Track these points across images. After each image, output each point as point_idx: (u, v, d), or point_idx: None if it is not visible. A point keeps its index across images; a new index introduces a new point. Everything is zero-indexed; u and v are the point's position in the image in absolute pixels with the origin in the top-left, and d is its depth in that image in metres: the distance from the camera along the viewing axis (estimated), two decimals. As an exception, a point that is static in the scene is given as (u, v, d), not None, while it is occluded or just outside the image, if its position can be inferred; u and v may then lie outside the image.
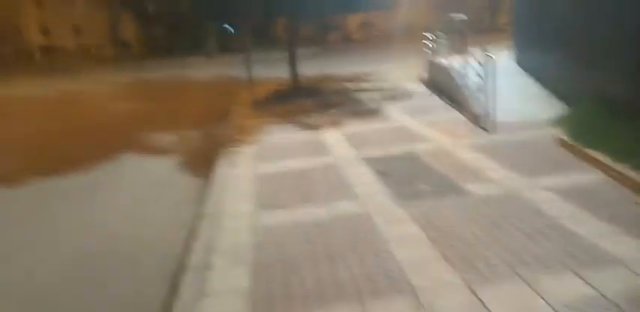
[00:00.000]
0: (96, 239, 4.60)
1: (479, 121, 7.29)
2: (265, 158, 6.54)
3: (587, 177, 4.80)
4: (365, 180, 5.30)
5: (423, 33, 13.03)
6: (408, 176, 5.30)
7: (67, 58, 45.13)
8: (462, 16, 10.22)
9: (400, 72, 15.23)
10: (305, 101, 11.17)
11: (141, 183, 6.29)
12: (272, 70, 17.12)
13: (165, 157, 7.49)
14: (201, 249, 3.94)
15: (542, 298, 2.92)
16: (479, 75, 7.43)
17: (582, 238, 3.59)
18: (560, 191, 4.48)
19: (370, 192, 4.91)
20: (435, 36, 11.46)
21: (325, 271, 3.46)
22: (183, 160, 7.24)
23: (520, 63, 10.20)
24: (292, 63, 12.52)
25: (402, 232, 3.96)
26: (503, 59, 9.98)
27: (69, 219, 5.19)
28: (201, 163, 6.86)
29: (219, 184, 5.55)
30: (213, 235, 4.16)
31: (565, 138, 5.70)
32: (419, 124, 7.83)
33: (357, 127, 8.05)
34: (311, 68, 17.75)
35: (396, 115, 8.79)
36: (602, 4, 6.53)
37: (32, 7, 49.19)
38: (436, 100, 9.79)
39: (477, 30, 31.66)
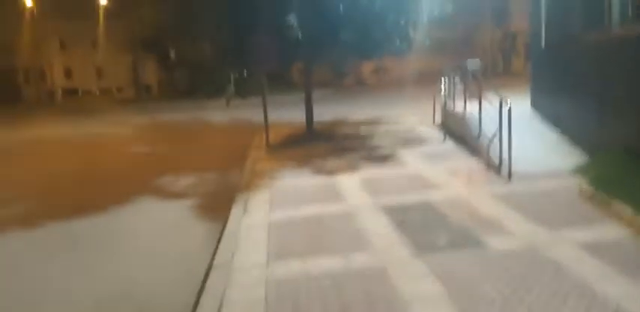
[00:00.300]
0: (104, 290, 4.50)
1: (496, 168, 7.19)
2: (280, 204, 6.48)
3: (612, 231, 4.64)
4: (381, 230, 5.18)
5: (438, 78, 13.17)
6: (425, 227, 5.17)
7: (89, 100, 46.42)
8: (477, 61, 10.35)
9: (415, 116, 15.29)
10: (320, 145, 11.20)
11: (154, 229, 6.24)
12: (288, 114, 17.34)
13: (180, 201, 7.47)
14: (211, 303, 3.83)
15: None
16: (495, 121, 7.39)
17: (609, 299, 3.41)
18: (585, 246, 4.32)
19: (386, 243, 4.78)
20: (450, 81, 11.56)
21: (339, 330, 3.31)
22: (198, 205, 7.21)
23: (538, 109, 10.17)
24: (308, 107, 12.67)
25: (420, 287, 3.81)
26: (520, 105, 9.96)
27: (79, 268, 5.11)
28: (217, 207, 6.82)
29: (233, 232, 5.48)
30: (224, 288, 4.05)
31: (587, 189, 5.56)
32: (435, 170, 7.75)
33: (372, 172, 7.99)
34: (326, 112, 17.94)
35: (412, 160, 8.73)
36: (621, 55, 6.55)
37: (56, 50, 51.17)
38: (451, 146, 9.74)
39: (492, 74, 32.10)
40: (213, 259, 4.80)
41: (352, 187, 7.12)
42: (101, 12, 44.13)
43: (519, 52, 38.52)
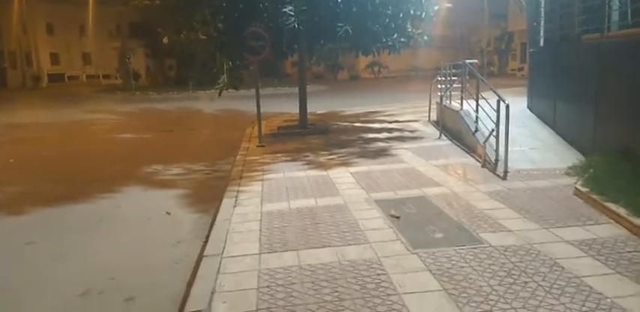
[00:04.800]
0: (92, 278, 4.39)
1: (492, 166, 7.17)
2: (272, 197, 6.39)
3: (607, 231, 4.63)
4: (375, 224, 5.13)
5: (434, 75, 13.15)
6: (419, 222, 5.13)
7: (75, 86, 45.70)
8: (473, 60, 10.33)
9: (410, 113, 15.28)
10: (314, 138, 11.13)
11: (143, 218, 6.11)
12: (281, 106, 17.26)
13: (169, 190, 7.35)
14: (202, 293, 3.74)
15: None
16: (491, 120, 7.37)
17: (604, 296, 3.39)
18: (580, 244, 4.31)
19: (381, 237, 4.73)
20: (446, 78, 11.54)
21: (334, 323, 3.25)
22: (187, 195, 7.10)
23: (534, 109, 10.17)
24: (301, 99, 12.57)
25: (414, 281, 3.75)
26: (516, 105, 9.95)
27: (65, 255, 4.98)
28: (207, 198, 6.72)
29: (224, 223, 5.39)
30: (215, 278, 3.96)
31: (583, 189, 5.55)
32: (430, 166, 7.72)
33: (366, 167, 7.93)
34: (320, 105, 17.88)
35: (407, 156, 8.69)
36: (619, 57, 6.53)
37: (43, 35, 50.12)
38: (447, 143, 9.73)
39: (488, 74, 32.22)
40: (204, 248, 4.71)
41: (346, 180, 7.05)
42: (91, -4, 43.27)
43: (516, 53, 38.78)
